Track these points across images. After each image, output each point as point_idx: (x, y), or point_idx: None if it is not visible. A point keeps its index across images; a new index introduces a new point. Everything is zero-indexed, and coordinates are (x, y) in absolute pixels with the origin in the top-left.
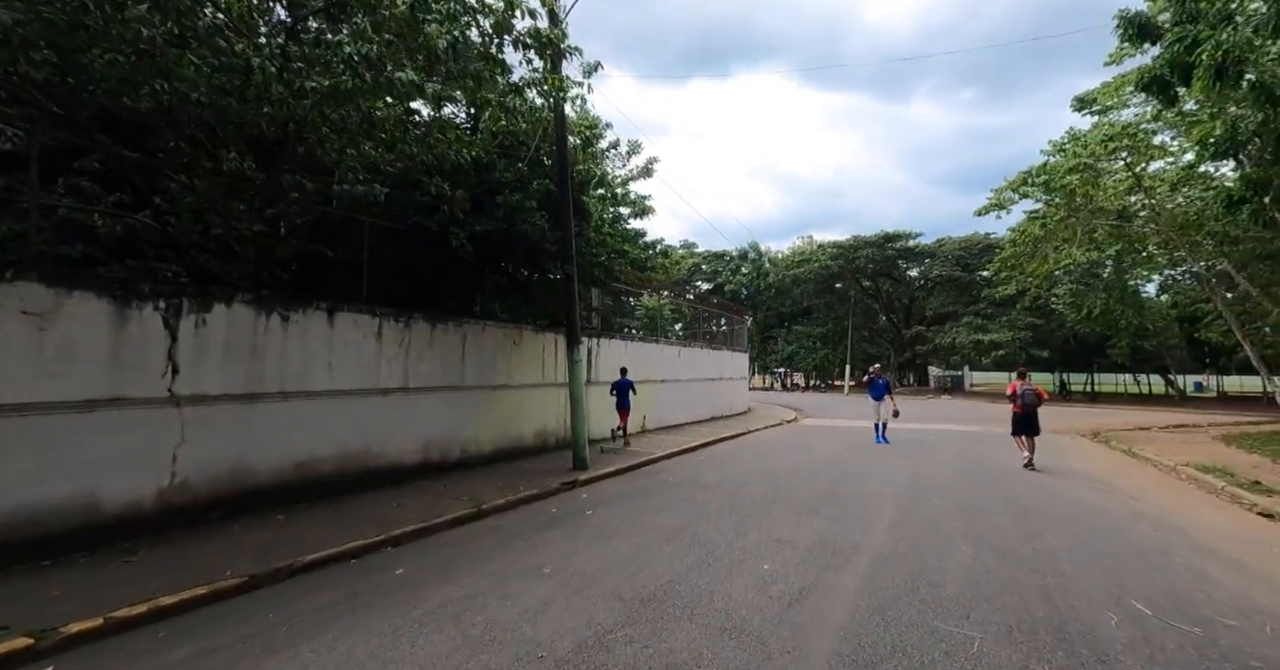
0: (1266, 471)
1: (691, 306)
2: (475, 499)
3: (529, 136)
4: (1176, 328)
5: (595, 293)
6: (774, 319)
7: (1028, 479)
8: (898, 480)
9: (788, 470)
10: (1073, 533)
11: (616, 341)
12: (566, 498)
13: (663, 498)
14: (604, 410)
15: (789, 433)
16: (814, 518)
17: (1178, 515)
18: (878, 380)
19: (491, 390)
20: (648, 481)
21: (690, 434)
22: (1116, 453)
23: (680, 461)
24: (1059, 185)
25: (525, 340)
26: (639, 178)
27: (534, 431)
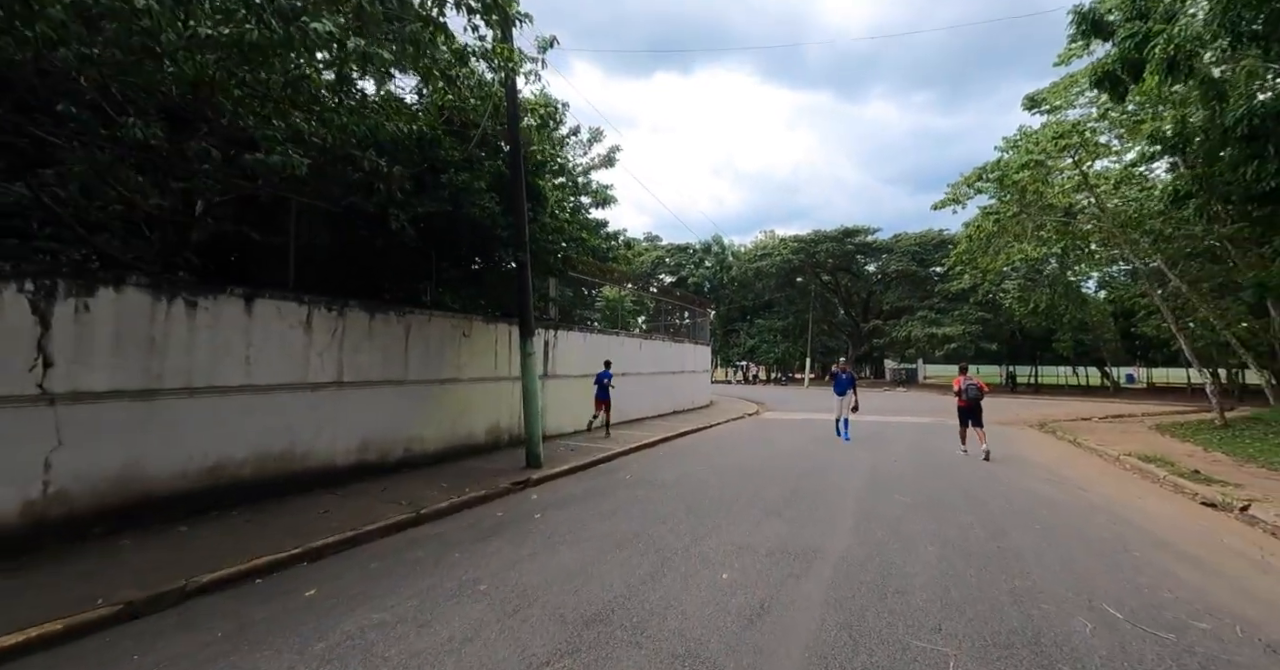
0: (1201, 460)
1: (654, 299)
2: (415, 503)
3: (478, 113)
4: (1112, 322)
5: (553, 283)
6: (736, 312)
7: (983, 472)
8: (859, 475)
9: (748, 467)
10: (1034, 528)
11: (575, 334)
12: (515, 500)
13: (618, 498)
14: (562, 405)
15: (750, 427)
16: (775, 519)
17: (1128, 506)
18: (842, 375)
19: (439, 384)
20: (604, 480)
21: (651, 429)
22: (1063, 443)
23: (639, 458)
24: (1011, 182)
25: (476, 332)
26: (601, 167)
27: (486, 428)
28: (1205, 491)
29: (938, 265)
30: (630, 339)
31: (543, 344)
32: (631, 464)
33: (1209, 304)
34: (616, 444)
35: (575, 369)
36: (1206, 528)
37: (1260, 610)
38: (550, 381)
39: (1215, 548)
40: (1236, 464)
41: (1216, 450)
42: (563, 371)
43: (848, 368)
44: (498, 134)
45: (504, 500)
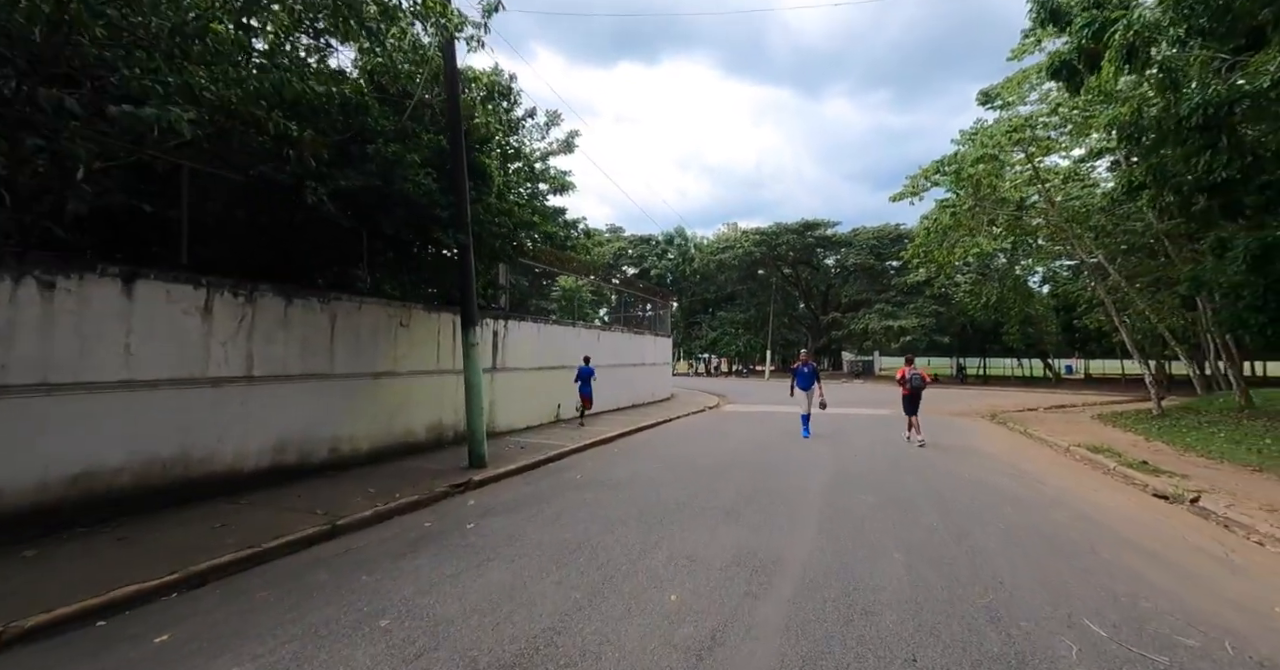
0: (1144, 450)
1: (615, 290)
2: (333, 512)
3: (412, 81)
4: (1054, 316)
5: (503, 269)
6: (699, 305)
7: (945, 466)
8: (820, 472)
9: (706, 464)
10: (998, 528)
11: (528, 324)
12: (450, 506)
13: (564, 502)
14: (513, 399)
15: (710, 420)
16: (733, 524)
17: (1086, 500)
18: (803, 367)
19: (372, 378)
20: (551, 481)
21: (608, 423)
22: (1015, 434)
23: (593, 455)
24: (967, 175)
25: (416, 321)
26: (560, 152)
27: (427, 425)
28: (1155, 483)
29: (894, 259)
30: (588, 331)
31: (491, 335)
32: (584, 462)
33: (1145, 298)
34: (570, 441)
35: (528, 361)
36: (1164, 522)
37: (1244, 620)
38: (500, 375)
39: (1179, 545)
40: (1177, 453)
41: (1157, 440)
42: (514, 364)
43: (810, 359)
44: (438, 106)
45: (437, 506)
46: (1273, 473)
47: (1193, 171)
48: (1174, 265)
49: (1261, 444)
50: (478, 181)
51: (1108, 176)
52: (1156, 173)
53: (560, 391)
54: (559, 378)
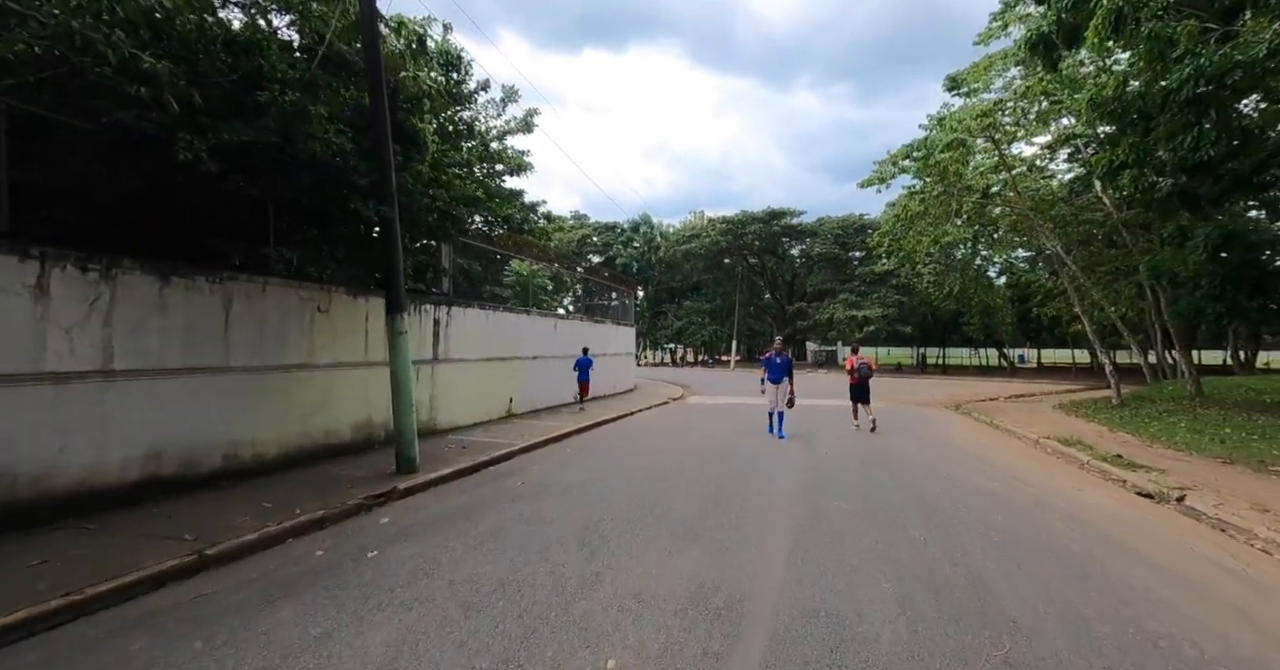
0: (1112, 441)
1: (572, 274)
2: (207, 536)
3: (321, 23)
4: (1010, 307)
5: (445, 250)
6: (664, 294)
7: (919, 464)
8: (788, 474)
9: (666, 466)
10: (991, 540)
11: (475, 311)
12: (358, 525)
13: (496, 518)
14: (458, 393)
15: (674, 414)
16: (691, 545)
17: (1073, 501)
18: (775, 358)
19: (282, 372)
20: (488, 489)
21: (564, 418)
22: (983, 426)
23: (542, 455)
24: (934, 162)
25: (338, 306)
26: (518, 132)
27: (354, 424)
28: (1134, 479)
29: (859, 249)
30: (543, 319)
31: (431, 323)
32: (531, 464)
33: (1101, 288)
34: (519, 439)
35: (475, 351)
36: (1160, 527)
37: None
38: (443, 366)
39: (1188, 558)
40: (1144, 444)
41: (1121, 430)
42: (459, 354)
43: (783, 349)
44: (356, 59)
45: (342, 526)
46: (1243, 465)
47: (1178, 149)
48: (1131, 255)
49: (1222, 434)
50: (407, 146)
51: (1068, 167)
52: (1139, 152)
53: (513, 384)
54: (511, 370)
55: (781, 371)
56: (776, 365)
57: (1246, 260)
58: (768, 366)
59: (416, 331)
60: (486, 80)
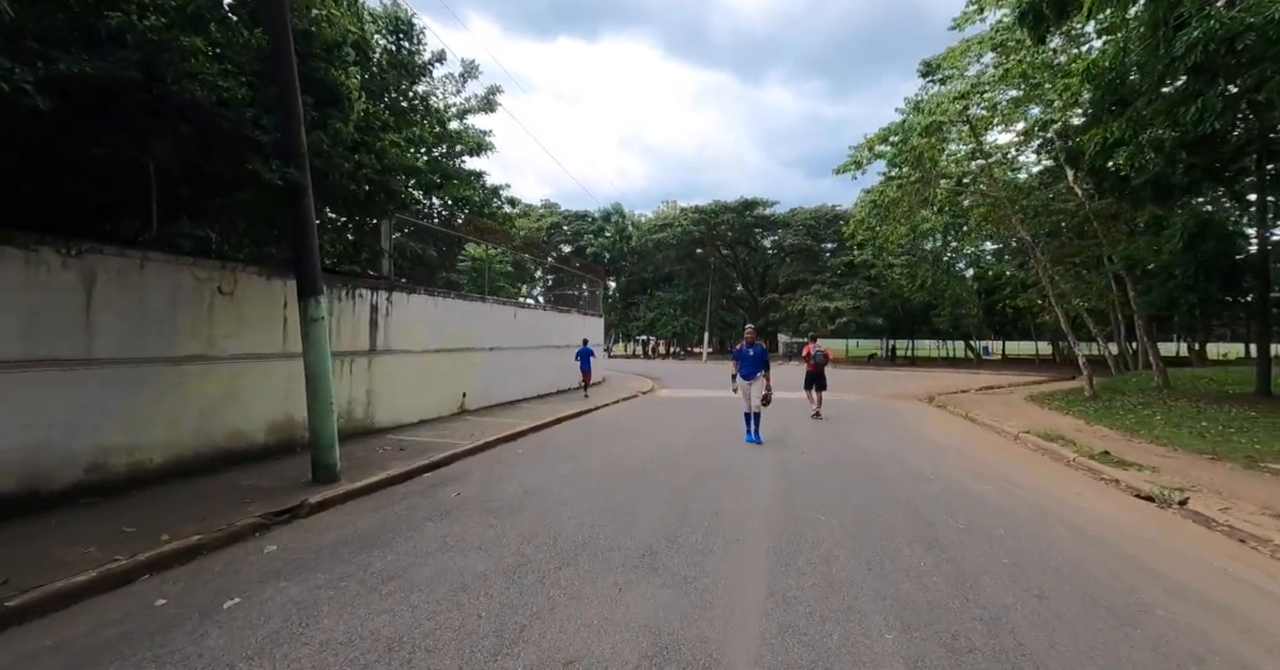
0: (1092, 436)
1: (538, 261)
2: (20, 580)
3: None
4: (977, 299)
5: (385, 229)
6: (636, 285)
7: (901, 463)
8: (763, 479)
9: (626, 470)
10: (1003, 564)
11: (421, 297)
12: (233, 557)
13: (415, 542)
14: (401, 388)
15: (641, 408)
16: (648, 579)
17: (1074, 507)
18: (748, 349)
19: (169, 366)
20: (415, 504)
21: (522, 414)
22: (959, 419)
23: (490, 459)
24: (911, 147)
25: (247, 288)
26: (479, 111)
27: (269, 424)
28: (1128, 478)
29: (831, 240)
30: (501, 307)
31: (368, 309)
32: (475, 469)
33: (1069, 280)
34: (467, 439)
35: (422, 342)
36: (1174, 540)
37: None
38: (383, 358)
39: (1223, 582)
40: (1125, 439)
41: (1098, 423)
42: (402, 345)
43: (755, 338)
44: None
45: (213, 558)
46: (1231, 461)
47: (1179, 123)
48: (1101, 246)
49: (1199, 427)
50: (323, 101)
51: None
52: (1136, 127)
53: (466, 378)
54: (465, 362)
55: (755, 365)
56: (750, 358)
57: (1220, 250)
58: (740, 360)
59: (350, 318)
60: (442, 51)
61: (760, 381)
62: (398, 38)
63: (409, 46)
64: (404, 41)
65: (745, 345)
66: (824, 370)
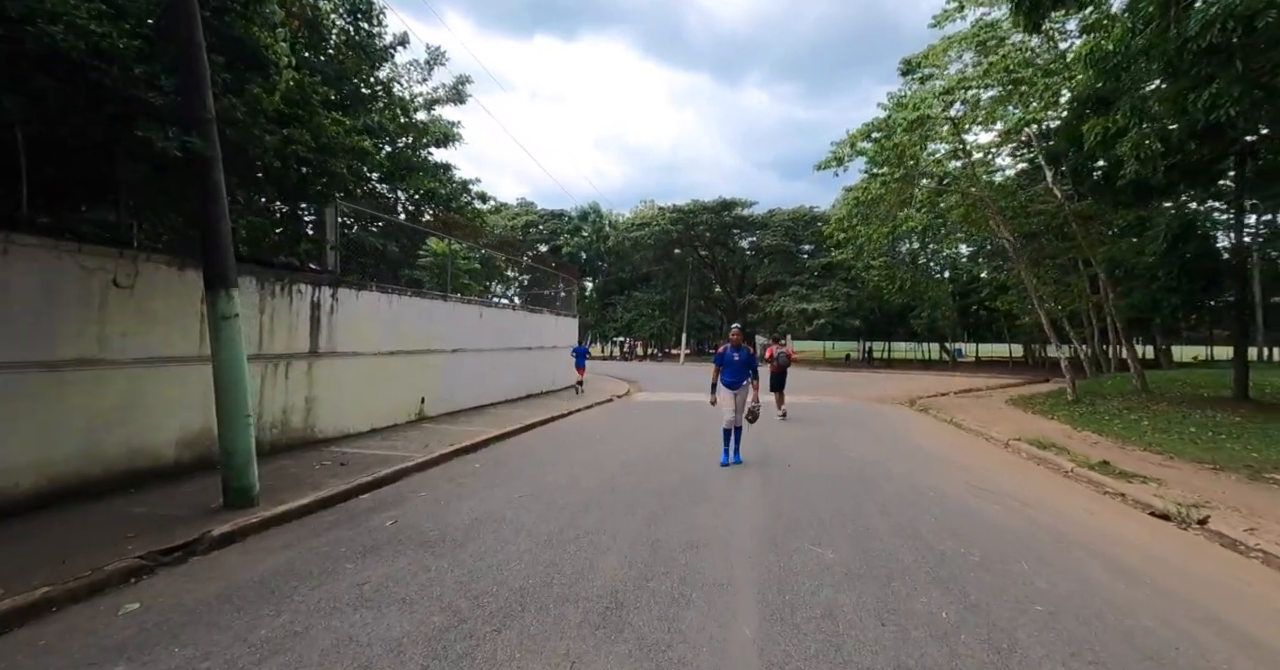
0: (1082, 442)
1: (513, 258)
2: None
3: None
4: (952, 301)
5: (330, 217)
6: (613, 285)
7: (898, 478)
8: (752, 502)
9: (591, 491)
10: (1041, 618)
11: (371, 294)
12: (82, 617)
13: (322, 594)
14: (347, 394)
15: (615, 413)
16: (607, 648)
17: (1093, 530)
18: (734, 353)
19: (44, 371)
20: (338, 537)
21: (487, 420)
22: (944, 424)
23: (440, 475)
24: (892, 145)
25: (153, 280)
26: (448, 102)
27: (182, 439)
28: (1135, 492)
29: (809, 242)
30: (465, 306)
31: (308, 306)
32: (420, 488)
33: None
34: (420, 451)
35: (373, 343)
36: (1213, 570)
37: None
38: (327, 361)
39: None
40: (1118, 446)
41: (1086, 429)
42: (350, 347)
43: (743, 340)
44: None
45: (49, 623)
46: (1234, 472)
47: (1189, 109)
48: (1080, 248)
49: (1188, 433)
50: (239, 64)
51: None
52: (1141, 114)
53: (426, 382)
54: (424, 365)
55: (742, 372)
56: (735, 364)
57: (1202, 251)
58: (723, 365)
59: (286, 317)
60: (404, 34)
61: (746, 391)
62: (355, 18)
63: (368, 28)
64: (362, 22)
65: (729, 348)
66: (786, 370)
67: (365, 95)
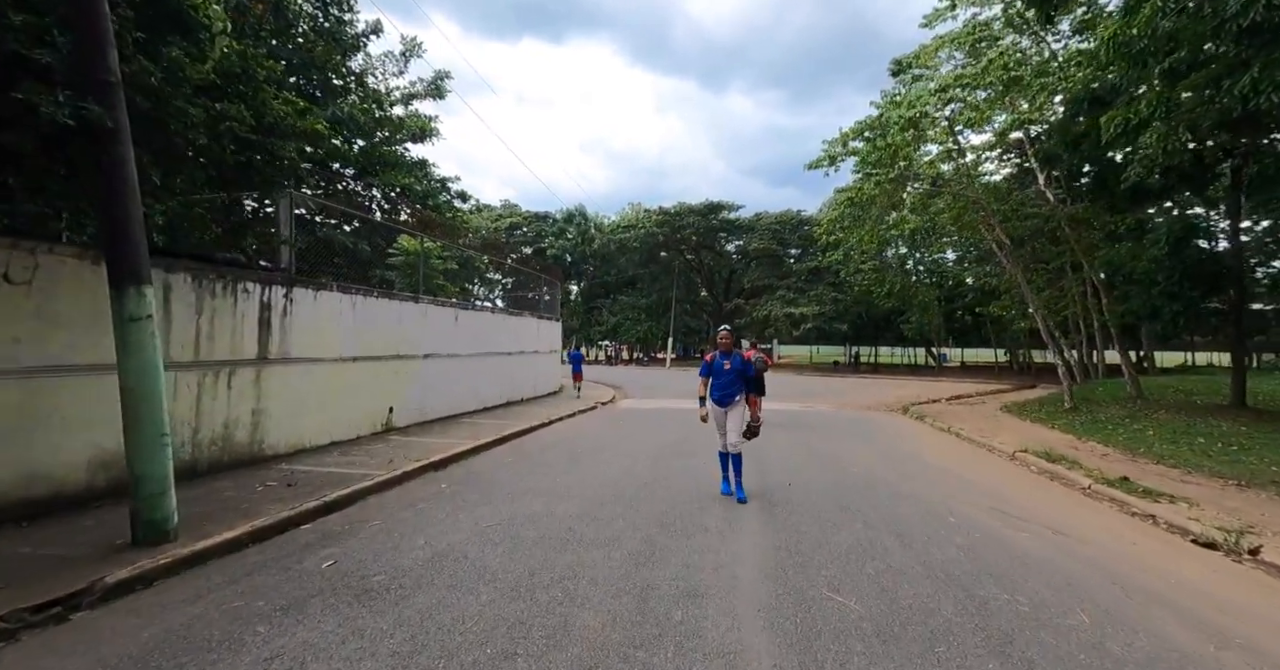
0: (1088, 453)
1: (496, 259)
2: None
3: None
4: (938, 306)
5: (283, 210)
6: (599, 289)
7: (915, 506)
8: (750, 536)
9: (568, 521)
10: None
11: (332, 294)
12: None
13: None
14: (308, 405)
15: (599, 423)
16: None
17: (1149, 570)
18: (724, 360)
19: None
20: (260, 583)
21: (461, 432)
22: (943, 434)
23: (400, 498)
24: (886, 144)
25: (53, 276)
26: (426, 97)
27: (92, 460)
28: (1166, 515)
29: (796, 246)
30: (439, 308)
31: (256, 307)
32: (373, 516)
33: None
34: (383, 468)
35: (334, 348)
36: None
37: None
38: (279, 369)
39: None
40: (1129, 458)
41: (1090, 439)
42: (307, 352)
43: (730, 344)
44: None
45: None
46: (1261, 489)
47: (1225, 97)
48: (1074, 252)
49: (1197, 443)
50: (156, 24)
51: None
52: (1168, 104)
53: (394, 390)
54: (392, 372)
55: (734, 383)
56: (726, 374)
57: (1205, 256)
58: (712, 374)
59: (229, 319)
60: (377, 21)
61: (742, 407)
62: (325, 3)
63: (338, 14)
64: (332, 8)
65: (719, 355)
66: (762, 376)
67: (337, 87)
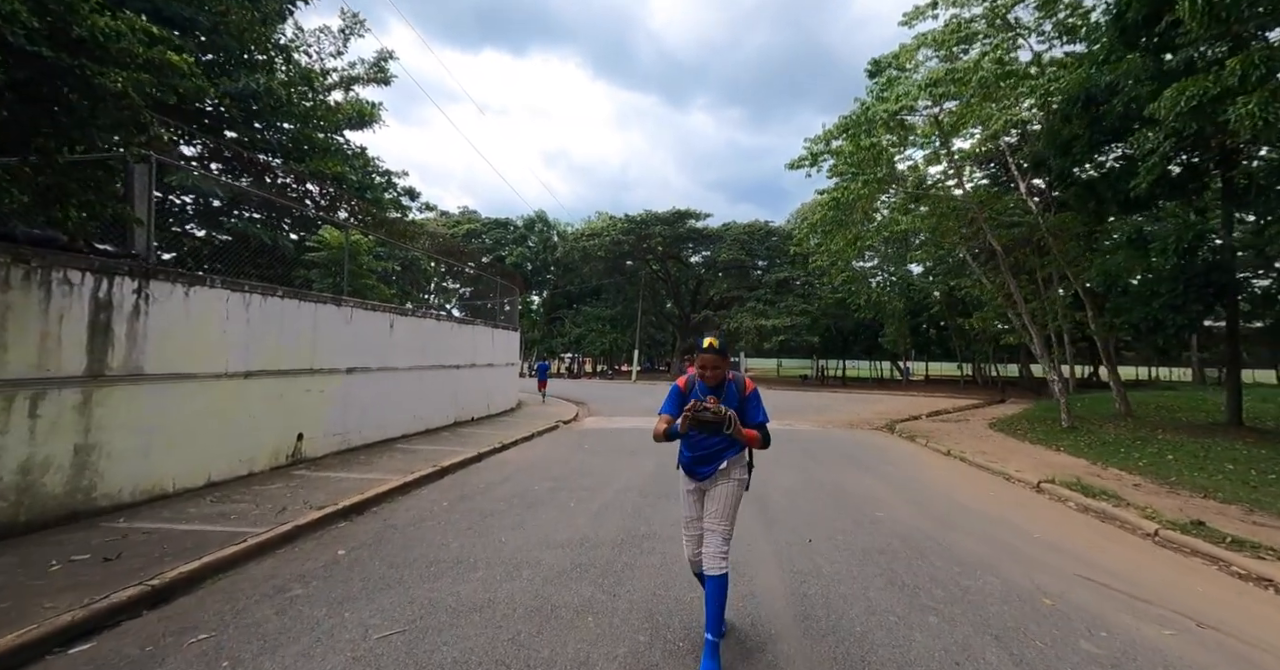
0: (1117, 482)
1: (455, 262)
2: None
3: None
4: (905, 319)
5: (140, 179)
6: (562, 299)
7: (989, 581)
8: (756, 603)
9: (512, 618)
10: None
11: (212, 291)
12: None
13: None
14: (173, 436)
15: (560, 448)
16: None
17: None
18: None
19: None
20: None
21: (390, 462)
22: (942, 457)
23: (266, 575)
24: (869, 144)
25: None
26: (369, 81)
27: None
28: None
29: (763, 257)
30: (370, 314)
31: (87, 307)
32: (209, 617)
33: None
34: (264, 523)
35: (217, 361)
36: None
37: None
38: (125, 389)
39: None
40: (1166, 489)
41: (1110, 465)
42: (168, 367)
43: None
44: None
45: None
46: None
47: None
48: (1058, 262)
49: (1225, 470)
50: None
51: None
52: (1267, 62)
53: (307, 412)
54: (304, 389)
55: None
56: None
57: (1214, 266)
58: (675, 404)
59: (36, 320)
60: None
61: (731, 485)
62: None
63: None
64: None
65: (697, 387)
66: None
67: (259, 61)
